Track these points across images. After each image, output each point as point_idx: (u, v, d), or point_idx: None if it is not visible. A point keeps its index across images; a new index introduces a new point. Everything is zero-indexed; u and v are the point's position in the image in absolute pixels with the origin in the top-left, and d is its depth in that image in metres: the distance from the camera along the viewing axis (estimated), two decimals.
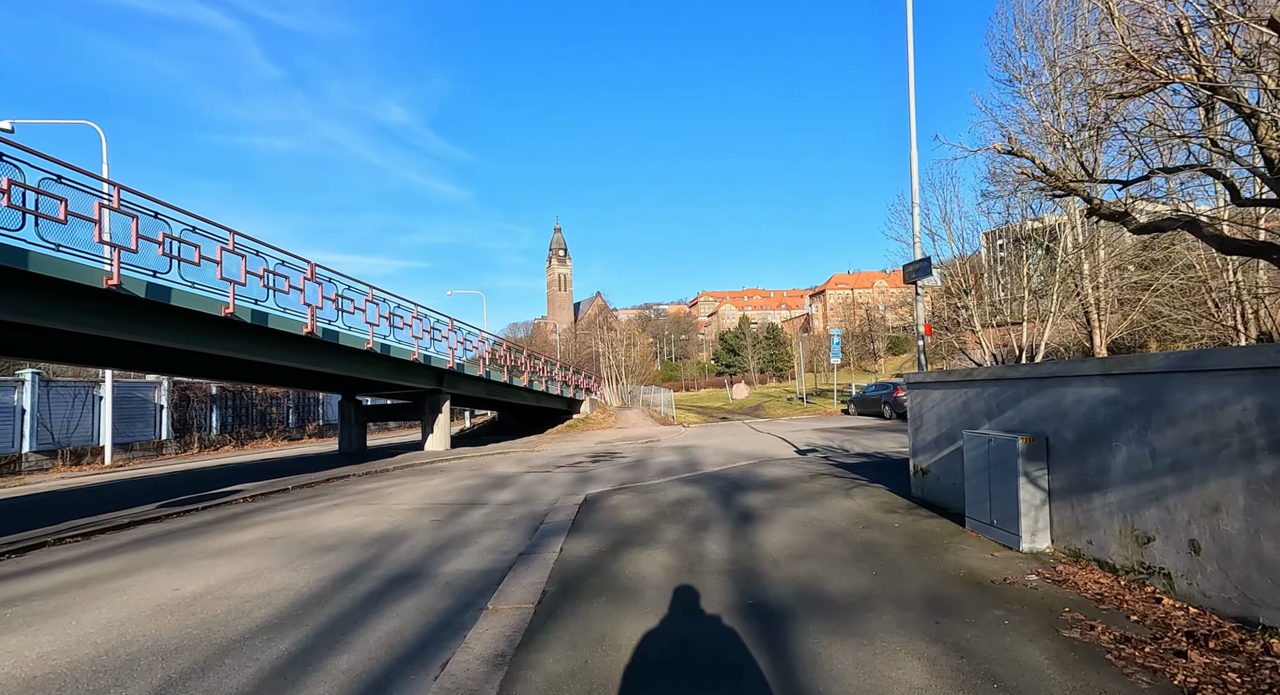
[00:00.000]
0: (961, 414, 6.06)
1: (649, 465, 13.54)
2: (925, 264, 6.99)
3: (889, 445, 14.68)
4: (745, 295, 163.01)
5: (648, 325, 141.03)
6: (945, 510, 6.36)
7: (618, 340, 46.36)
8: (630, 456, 15.96)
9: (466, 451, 18.27)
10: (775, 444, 16.73)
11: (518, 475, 12.88)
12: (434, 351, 16.60)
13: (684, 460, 14.20)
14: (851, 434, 18.20)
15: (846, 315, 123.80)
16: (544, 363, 25.22)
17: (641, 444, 20.00)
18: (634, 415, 31.36)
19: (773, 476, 9.99)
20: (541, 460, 15.96)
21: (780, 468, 11.14)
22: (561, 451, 18.49)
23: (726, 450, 15.88)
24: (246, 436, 24.18)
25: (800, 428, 22.15)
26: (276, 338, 11.73)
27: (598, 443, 21.04)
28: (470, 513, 8.54)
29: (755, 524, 6.49)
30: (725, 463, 12.97)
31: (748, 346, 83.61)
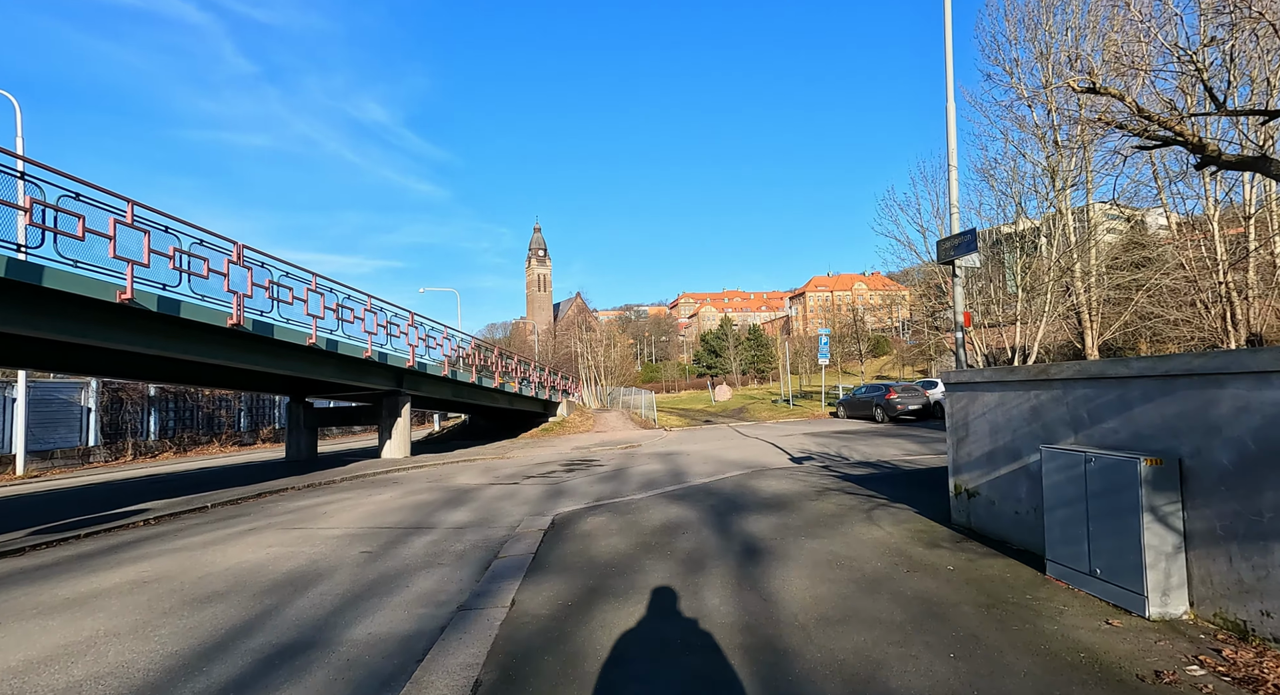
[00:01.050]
0: (1029, 423, 4.73)
1: (629, 476, 12.10)
2: (968, 239, 5.66)
3: (892, 453, 13.43)
4: (726, 297, 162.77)
5: (628, 326, 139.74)
6: (1005, 546, 5.03)
7: (597, 341, 44.84)
8: (608, 465, 14.50)
9: (428, 459, 16.63)
10: (766, 450, 15.41)
11: (480, 489, 11.34)
12: (391, 349, 14.96)
13: (668, 470, 12.80)
14: (847, 439, 16.96)
15: (827, 318, 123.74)
16: (517, 362, 23.65)
17: (621, 450, 18.55)
18: (613, 418, 29.90)
19: (772, 492, 8.62)
20: (510, 469, 14.43)
21: (779, 480, 9.78)
22: (534, 459, 16.96)
23: (714, 458, 14.52)
24: (190, 442, 22.18)
25: (789, 432, 20.89)
26: (194, 330, 10.05)
27: (574, 448, 19.55)
28: (412, 541, 7.01)
29: (765, 562, 5.09)
30: (715, 473, 11.59)
31: (730, 347, 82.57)
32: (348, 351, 13.46)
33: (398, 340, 15.25)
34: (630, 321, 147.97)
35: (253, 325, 10.74)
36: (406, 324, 15.58)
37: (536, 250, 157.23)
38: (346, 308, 13.31)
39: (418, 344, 15.90)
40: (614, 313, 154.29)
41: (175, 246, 8.91)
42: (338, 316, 13.03)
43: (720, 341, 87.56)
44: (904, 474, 9.63)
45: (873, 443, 15.68)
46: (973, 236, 5.79)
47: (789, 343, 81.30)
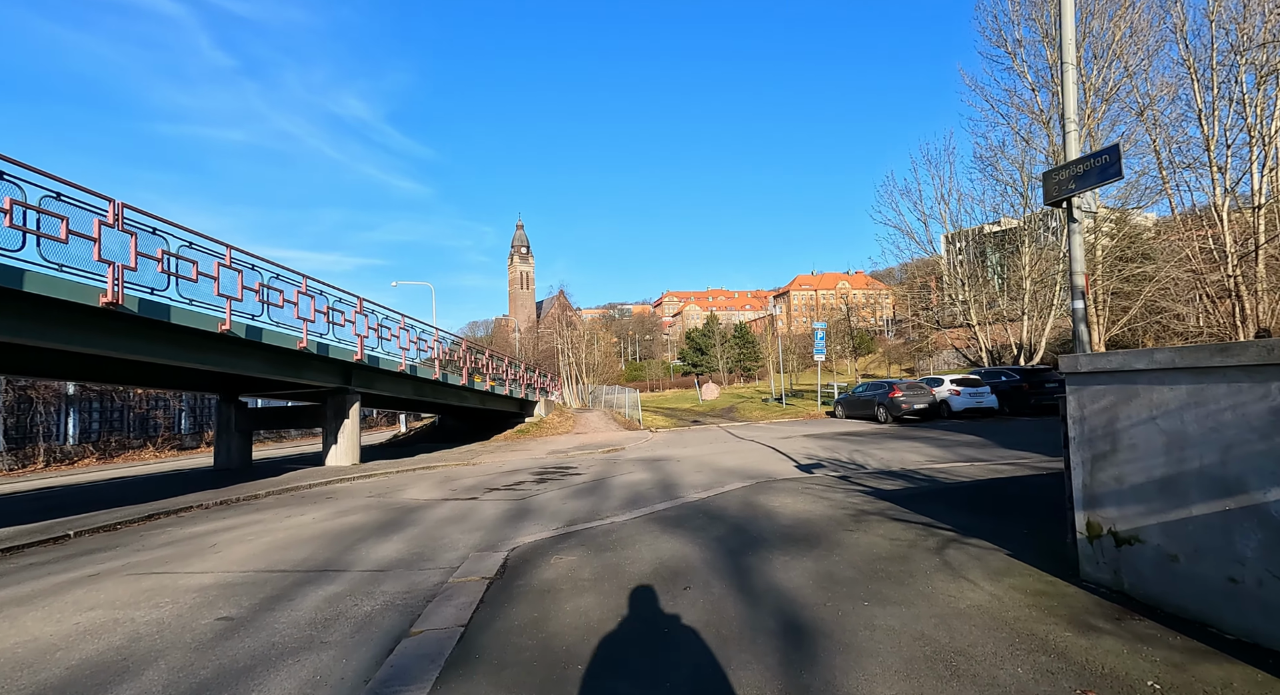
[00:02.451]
0: (1264, 437, 2.86)
1: (611, 489, 10.15)
2: (1103, 163, 3.74)
3: (913, 459, 11.64)
4: (710, 295, 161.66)
5: (612, 325, 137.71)
6: (1204, 630, 3.16)
7: (579, 338, 42.76)
8: (587, 474, 12.54)
9: (380, 467, 14.51)
10: (767, 456, 13.56)
11: (429, 507, 9.31)
12: (334, 339, 12.83)
13: (657, 480, 10.87)
14: (855, 442, 15.17)
15: (812, 316, 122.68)
16: (489, 358, 21.56)
17: (602, 454, 16.59)
18: (595, 418, 27.91)
19: (793, 515, 6.72)
20: (472, 480, 12.40)
21: (794, 496, 7.89)
22: (503, 465, 14.93)
23: (709, 465, 12.62)
24: (119, 447, 19.79)
25: (787, 433, 19.08)
26: (52, 310, 7.88)
27: (550, 452, 17.54)
28: (304, 595, 5.00)
29: (824, 657, 3.18)
30: (712, 485, 9.69)
31: (716, 345, 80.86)
32: (275, 341, 11.32)
33: (342, 329, 13.11)
34: (614, 320, 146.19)
35: (139, 305, 8.59)
36: (353, 311, 13.43)
37: (519, 247, 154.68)
38: (274, 289, 11.15)
39: (367, 334, 13.78)
40: (598, 311, 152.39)
41: (12, 198, 6.77)
42: (262, 299, 10.89)
43: (706, 339, 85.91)
44: (950, 490, 7.79)
45: (886, 446, 13.89)
46: (1113, 157, 3.91)
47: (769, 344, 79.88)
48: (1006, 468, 9.51)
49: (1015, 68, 28.61)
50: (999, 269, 29.04)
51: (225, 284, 10.00)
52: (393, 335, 14.90)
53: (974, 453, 11.99)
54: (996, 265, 29.37)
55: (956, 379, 21.00)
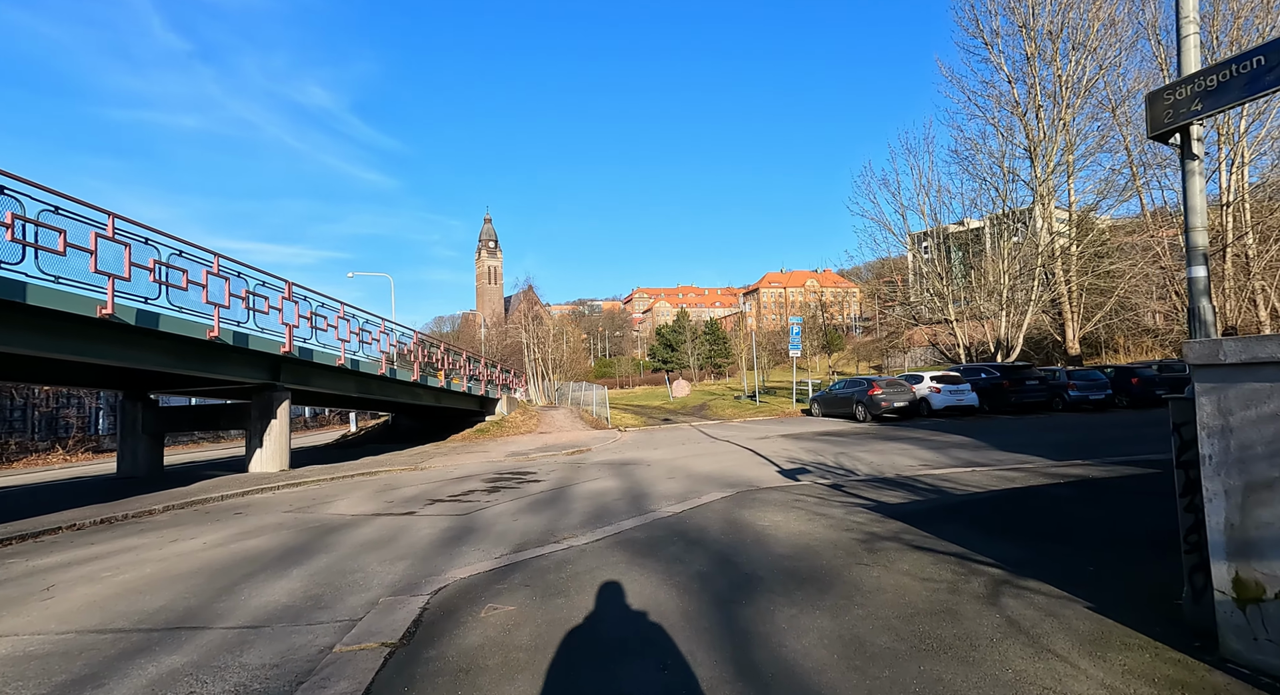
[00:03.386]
0: None
1: (571, 501, 8.83)
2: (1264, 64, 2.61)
3: (906, 463, 10.60)
4: (680, 292, 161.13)
5: (581, 321, 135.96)
6: None
7: (546, 333, 41.15)
8: (547, 480, 11.19)
9: (314, 473, 12.87)
10: (745, 459, 12.40)
11: (353, 526, 7.85)
12: (255, 328, 11.18)
13: (624, 489, 9.58)
14: (838, 444, 14.14)
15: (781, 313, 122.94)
16: (444, 352, 19.96)
17: (566, 457, 15.23)
18: (561, 416, 26.49)
19: (789, 540, 5.51)
20: (415, 489, 10.92)
21: (784, 511, 6.70)
22: (455, 470, 13.45)
23: (683, 470, 11.39)
24: (21, 450, 17.52)
25: (763, 433, 18.00)
26: None
27: (509, 454, 16.11)
28: (117, 681, 3.55)
29: None
30: (688, 495, 8.47)
31: (687, 342, 79.92)
32: (177, 329, 9.64)
33: (267, 318, 11.45)
34: (584, 316, 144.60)
35: None
36: (281, 297, 11.76)
37: (487, 241, 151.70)
38: (175, 268, 9.46)
39: (298, 324, 12.12)
40: (567, 307, 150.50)
41: None
42: (159, 279, 9.20)
43: (677, 335, 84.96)
44: (966, 505, 6.69)
45: (872, 448, 12.86)
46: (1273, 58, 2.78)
47: (742, 339, 79.17)
48: (1014, 474, 8.50)
49: (992, 59, 28.14)
50: (972, 265, 28.55)
51: (107, 259, 8.32)
52: (329, 325, 13.24)
53: (969, 455, 11.02)
54: (971, 261, 28.87)
55: (937, 376, 20.25)
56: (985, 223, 31.03)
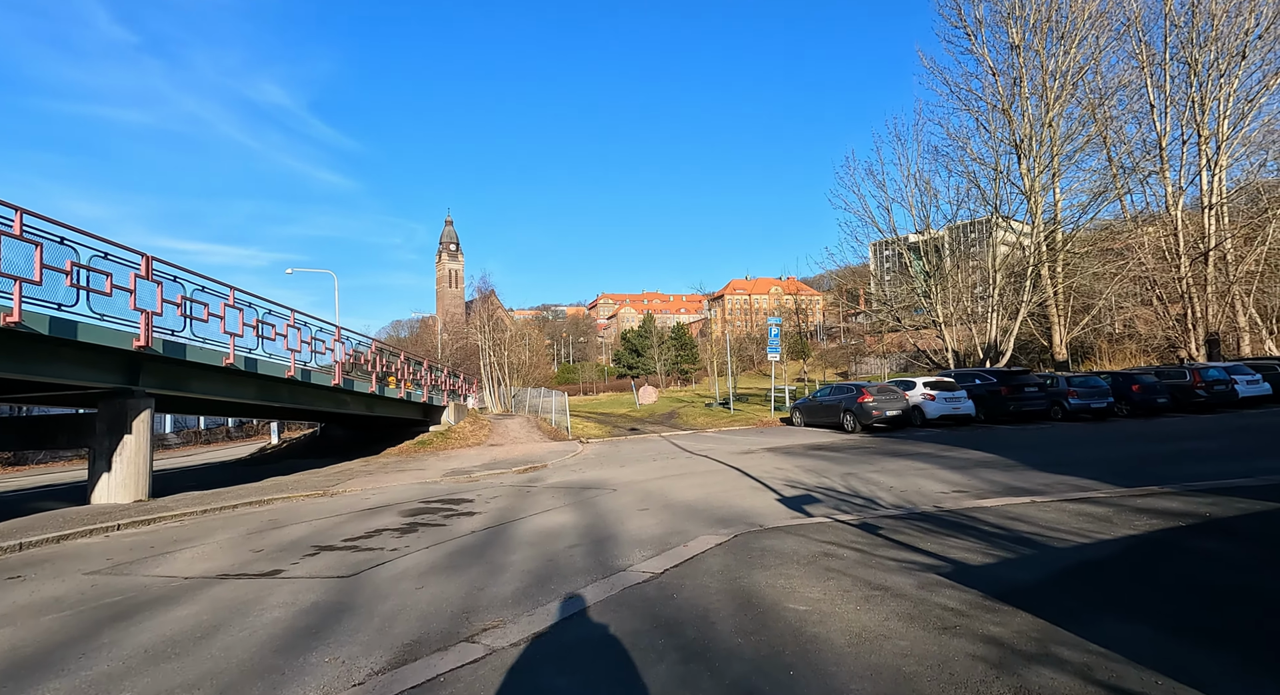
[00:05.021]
0: None
1: (509, 549, 6.41)
2: None
3: (934, 488, 8.52)
4: (645, 298, 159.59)
5: (545, 326, 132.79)
6: None
7: (503, 336, 38.30)
8: (484, 511, 8.72)
9: (179, 504, 10.01)
10: (734, 482, 10.15)
11: (171, 600, 5.26)
12: (89, 314, 8.36)
13: (584, 528, 7.22)
14: (837, 461, 12.02)
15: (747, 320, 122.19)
16: (374, 353, 17.20)
17: (516, 476, 12.74)
18: (516, 426, 23.87)
19: (854, 646, 3.25)
20: (304, 528, 8.30)
21: (819, 581, 4.45)
22: (372, 496, 10.81)
23: (659, 497, 9.07)
24: None
25: (744, 445, 15.82)
26: None
27: (447, 473, 13.52)
28: None
29: None
30: (669, 539, 6.22)
31: (653, 347, 77.72)
32: None
33: (111, 301, 8.65)
34: (547, 321, 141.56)
35: None
36: (134, 275, 8.96)
37: (448, 244, 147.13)
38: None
39: (161, 311, 9.33)
40: (530, 312, 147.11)
41: None
42: None
43: (643, 340, 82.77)
44: (1092, 569, 4.54)
45: (882, 467, 10.76)
46: None
47: (706, 343, 77.35)
48: (1096, 510, 6.45)
49: (974, 50, 26.88)
50: (959, 265, 27.12)
51: None
52: (212, 315, 10.48)
53: (1007, 478, 9.01)
54: (959, 262, 27.45)
55: (930, 382, 18.47)
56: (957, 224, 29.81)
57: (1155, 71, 27.72)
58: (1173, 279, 27.51)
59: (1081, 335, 28.13)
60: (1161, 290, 28.60)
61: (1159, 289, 28.50)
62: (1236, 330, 28.73)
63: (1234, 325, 28.57)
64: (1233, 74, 26.33)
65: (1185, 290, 27.18)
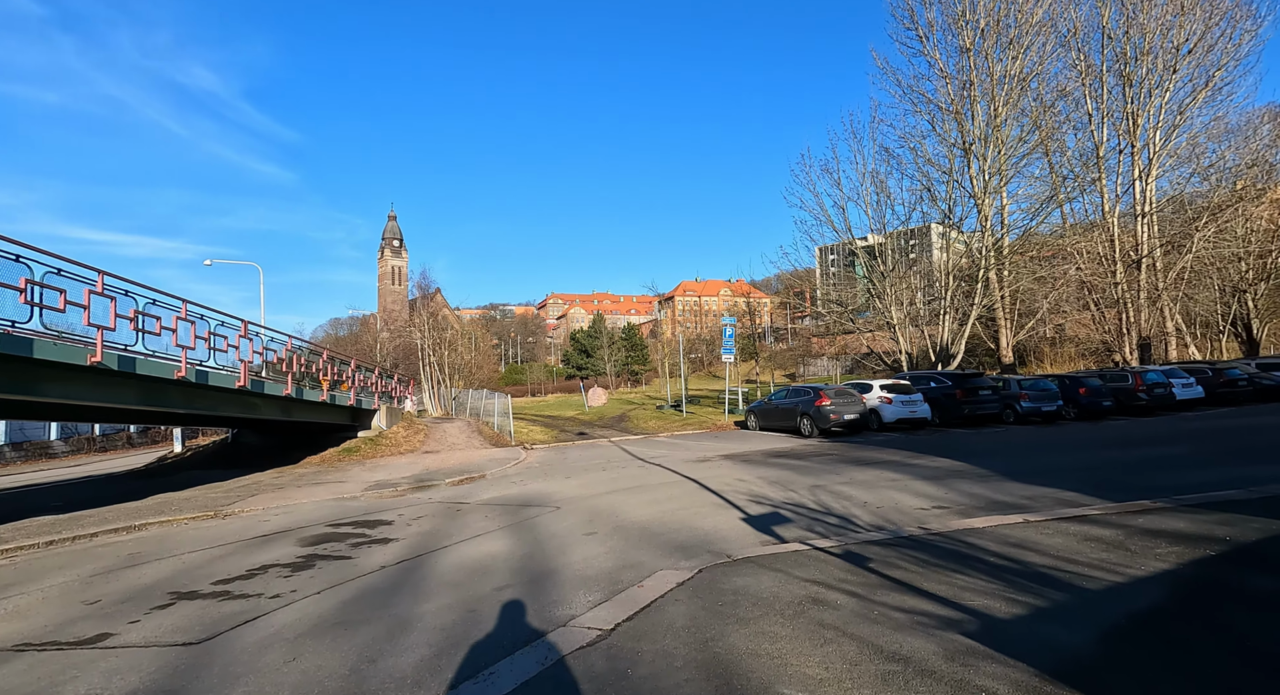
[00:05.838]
0: None
1: (423, 596, 5.16)
2: None
3: (913, 504, 7.74)
4: (596, 299, 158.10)
5: (492, 326, 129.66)
6: None
7: (444, 334, 36.26)
8: (401, 540, 7.38)
9: (22, 532, 8.21)
10: (692, 496, 9.12)
11: None
12: None
13: (518, 562, 6.05)
14: (801, 470, 11.18)
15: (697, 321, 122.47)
16: (288, 351, 15.37)
17: (448, 489, 11.36)
18: (455, 431, 22.25)
19: None
20: (169, 566, 6.77)
21: (815, 647, 3.43)
22: (271, 519, 9.24)
23: (608, 517, 7.95)
24: None
25: (700, 452, 14.87)
26: None
27: (370, 486, 12.00)
28: None
29: None
30: (620, 575, 5.18)
31: (603, 347, 76.40)
32: None
33: None
34: (495, 321, 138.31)
35: None
36: None
37: (390, 240, 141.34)
38: None
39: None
40: (478, 311, 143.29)
41: None
42: None
43: (593, 340, 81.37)
44: (1151, 630, 3.69)
45: (850, 478, 9.95)
46: None
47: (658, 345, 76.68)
48: (1102, 533, 5.73)
49: (926, 53, 26.95)
50: (913, 267, 27.14)
51: None
52: (72, 304, 8.68)
53: (986, 491, 8.31)
54: (911, 264, 27.46)
55: (887, 385, 18.04)
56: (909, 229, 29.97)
57: (1094, 83, 28.52)
58: (1109, 285, 28.34)
59: (1026, 338, 28.70)
60: (1099, 296, 29.44)
61: (1096, 294, 29.32)
62: (1165, 335, 29.87)
63: (1163, 331, 29.69)
64: (1163, 88, 27.32)
65: (1120, 296, 28.03)
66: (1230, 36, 26.71)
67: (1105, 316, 28.80)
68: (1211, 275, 30.64)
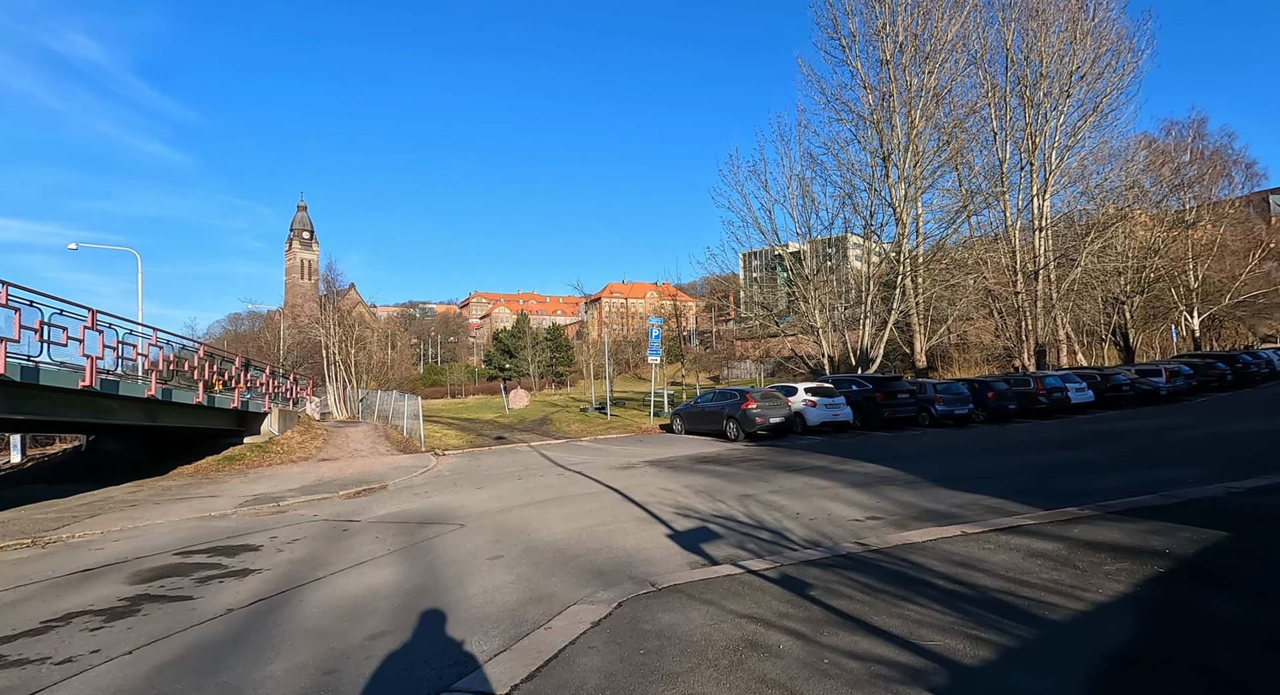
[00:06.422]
0: None
1: (269, 654, 4.07)
2: None
3: (848, 515, 7.31)
4: (521, 299, 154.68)
5: (411, 324, 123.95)
6: None
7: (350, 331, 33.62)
8: (265, 570, 6.16)
9: None
10: (614, 508, 8.34)
11: None
12: None
13: (404, 598, 5.06)
14: (729, 477, 10.65)
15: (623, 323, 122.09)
16: (153, 344, 13.34)
17: (340, 503, 10.00)
18: (360, 435, 20.44)
19: None
20: None
21: None
22: (111, 546, 7.67)
23: (519, 536, 7.03)
24: None
25: (624, 457, 14.13)
26: None
27: (247, 501, 10.43)
28: None
29: None
30: (526, 611, 4.36)
31: (527, 347, 74.39)
32: None
33: None
34: (414, 319, 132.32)
35: None
36: None
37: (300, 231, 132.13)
38: None
39: None
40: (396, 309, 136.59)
41: None
42: None
43: (516, 341, 79.17)
44: (1153, 670, 3.22)
45: (780, 486, 9.48)
46: None
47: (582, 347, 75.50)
48: (1044, 547, 5.44)
49: (850, 63, 27.56)
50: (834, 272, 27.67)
51: None
52: None
53: (916, 499, 8.03)
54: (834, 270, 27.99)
55: (812, 388, 18.02)
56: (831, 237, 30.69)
57: (999, 103, 30.20)
58: (1011, 294, 30.03)
59: (937, 343, 29.98)
60: (1002, 304, 31.15)
61: (1000, 303, 31.00)
62: (1058, 342, 32.03)
63: (1056, 338, 31.81)
64: (1059, 111, 29.29)
65: (1020, 305, 29.75)
66: (1114, 67, 29.05)
67: (1007, 324, 30.52)
68: (1096, 288, 33.16)
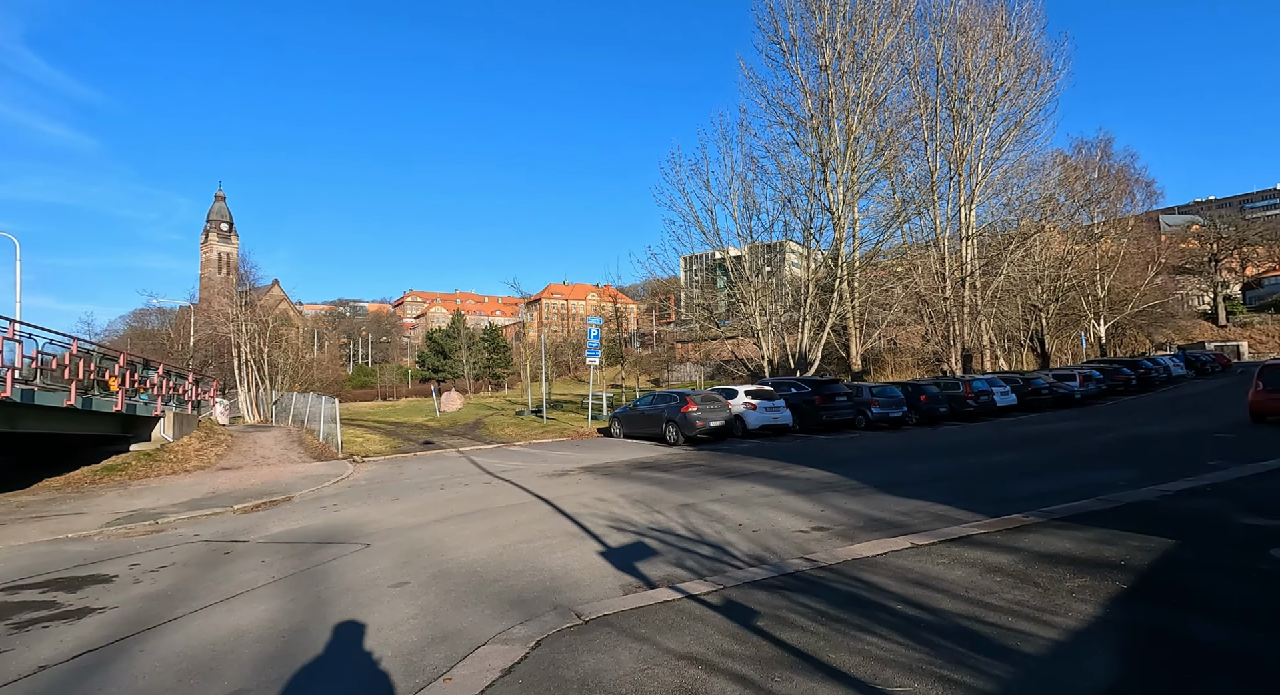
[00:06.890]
0: None
1: None
2: None
3: (791, 526, 6.89)
4: (458, 299, 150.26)
5: (341, 323, 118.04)
6: None
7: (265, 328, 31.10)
8: (111, 608, 5.08)
9: None
10: (542, 522, 7.59)
11: None
12: None
13: (278, 641, 4.15)
14: (668, 485, 10.09)
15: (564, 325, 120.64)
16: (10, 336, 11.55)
17: (230, 520, 8.77)
18: (270, 440, 18.74)
19: None
20: None
21: None
22: None
23: (430, 559, 6.20)
24: None
25: (559, 463, 13.35)
26: None
27: (118, 518, 9.05)
28: None
29: None
30: (423, 655, 3.58)
31: (462, 348, 71.95)
32: None
33: None
34: (345, 318, 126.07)
35: None
36: None
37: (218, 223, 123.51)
38: None
39: None
40: (325, 307, 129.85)
41: None
42: None
43: (451, 341, 76.49)
44: None
45: (722, 494, 8.99)
46: None
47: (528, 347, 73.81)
48: (999, 560, 5.13)
49: (790, 67, 27.78)
50: (774, 275, 27.80)
51: None
52: None
53: (861, 507, 7.70)
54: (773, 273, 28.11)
55: (752, 391, 17.79)
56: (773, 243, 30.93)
57: (930, 115, 31.23)
58: (940, 300, 31.04)
59: (872, 347, 30.64)
60: (932, 310, 32.16)
61: (929, 309, 32.00)
62: (982, 347, 33.38)
63: (980, 343, 33.15)
64: (985, 124, 30.58)
65: (948, 311, 30.79)
66: (1035, 84, 30.60)
67: (936, 328, 31.55)
68: (1017, 295, 34.85)
